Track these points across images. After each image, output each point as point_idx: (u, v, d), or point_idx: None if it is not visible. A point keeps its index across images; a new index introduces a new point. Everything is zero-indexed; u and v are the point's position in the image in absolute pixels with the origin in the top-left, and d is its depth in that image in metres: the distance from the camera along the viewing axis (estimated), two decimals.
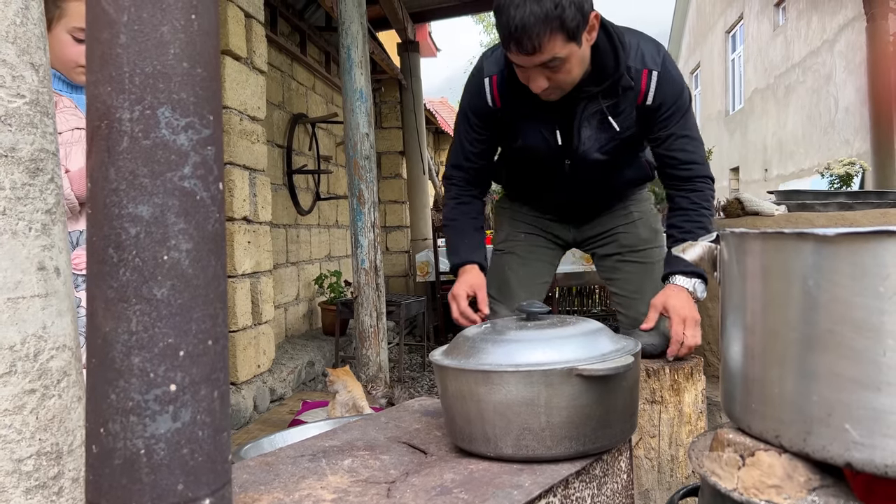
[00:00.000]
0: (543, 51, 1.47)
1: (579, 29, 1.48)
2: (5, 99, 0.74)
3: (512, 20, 1.43)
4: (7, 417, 0.71)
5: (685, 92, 1.73)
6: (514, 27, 1.44)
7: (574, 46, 1.50)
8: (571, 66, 1.54)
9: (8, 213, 0.73)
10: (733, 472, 0.80)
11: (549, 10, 1.42)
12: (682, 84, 1.72)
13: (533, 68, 1.52)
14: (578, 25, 1.47)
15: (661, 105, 1.69)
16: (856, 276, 0.68)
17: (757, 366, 0.80)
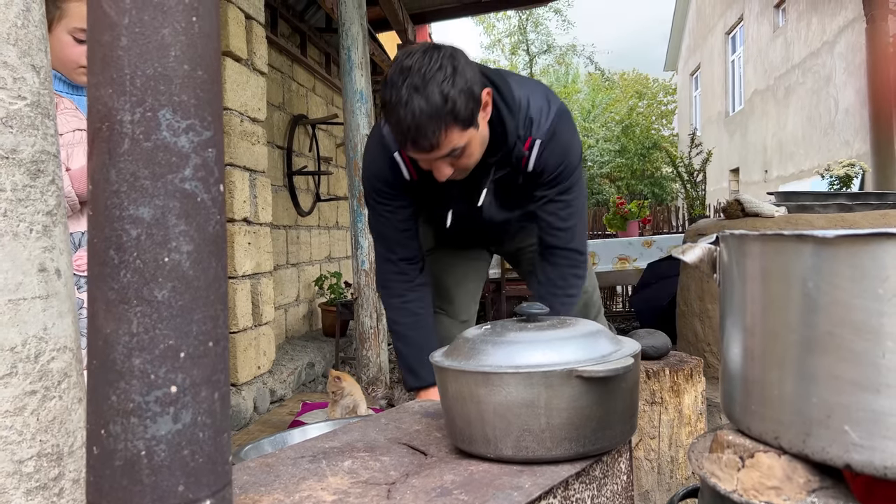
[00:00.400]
0: (441, 147, 1.42)
1: (474, 115, 1.44)
2: (6, 101, 0.74)
3: (403, 121, 1.37)
4: (8, 419, 0.71)
5: (570, 158, 1.67)
6: (407, 128, 1.38)
7: (472, 131, 1.46)
8: (472, 150, 1.51)
9: (9, 215, 0.73)
10: (733, 474, 0.80)
11: (439, 106, 1.36)
12: (568, 151, 1.66)
13: (434, 161, 1.48)
14: (472, 112, 1.43)
15: (543, 171, 1.65)
16: (855, 279, 0.68)
17: (756, 367, 0.80)
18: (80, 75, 1.61)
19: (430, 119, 1.36)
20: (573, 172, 1.69)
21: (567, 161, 1.66)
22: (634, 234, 6.19)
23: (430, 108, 1.35)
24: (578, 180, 1.72)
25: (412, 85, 1.36)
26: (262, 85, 3.80)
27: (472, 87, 1.41)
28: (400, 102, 1.37)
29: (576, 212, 1.73)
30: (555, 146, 1.63)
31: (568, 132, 1.67)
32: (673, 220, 8.38)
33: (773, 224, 3.08)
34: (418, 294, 1.79)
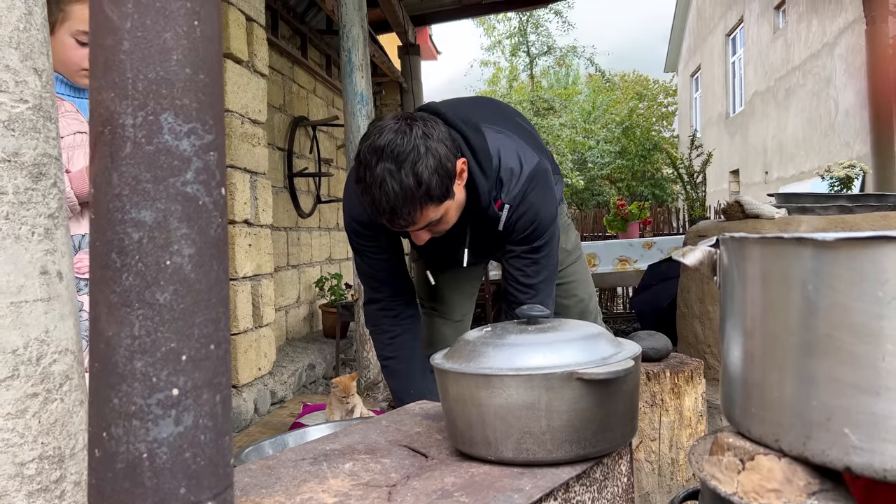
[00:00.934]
0: (417, 223, 1.46)
1: (448, 190, 1.45)
2: (8, 104, 0.75)
3: (379, 202, 1.40)
4: (10, 421, 0.72)
5: (541, 221, 1.67)
6: (383, 209, 1.41)
7: (448, 203, 1.48)
8: (449, 217, 1.53)
9: (11, 218, 0.74)
10: (733, 476, 0.80)
11: (412, 188, 1.38)
12: (538, 214, 1.66)
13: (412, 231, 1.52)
14: (447, 188, 1.45)
15: (513, 231, 1.67)
16: (855, 282, 0.68)
17: (756, 370, 0.80)
18: (83, 78, 1.61)
19: (406, 201, 1.39)
20: (544, 233, 1.69)
21: (538, 223, 1.67)
22: (635, 235, 6.19)
23: (403, 191, 1.38)
24: (550, 240, 1.72)
25: (386, 169, 1.38)
26: (262, 87, 3.80)
27: (446, 164, 1.42)
28: (375, 183, 1.39)
29: (543, 269, 1.73)
30: (524, 210, 1.64)
31: (539, 195, 1.66)
32: (673, 222, 8.39)
33: (773, 226, 3.08)
34: (405, 327, 1.81)
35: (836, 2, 9.32)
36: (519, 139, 1.71)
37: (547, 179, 1.69)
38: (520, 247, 1.70)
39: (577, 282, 2.08)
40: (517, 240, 1.69)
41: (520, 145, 1.68)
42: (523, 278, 1.72)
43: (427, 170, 1.39)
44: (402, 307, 1.81)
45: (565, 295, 2.05)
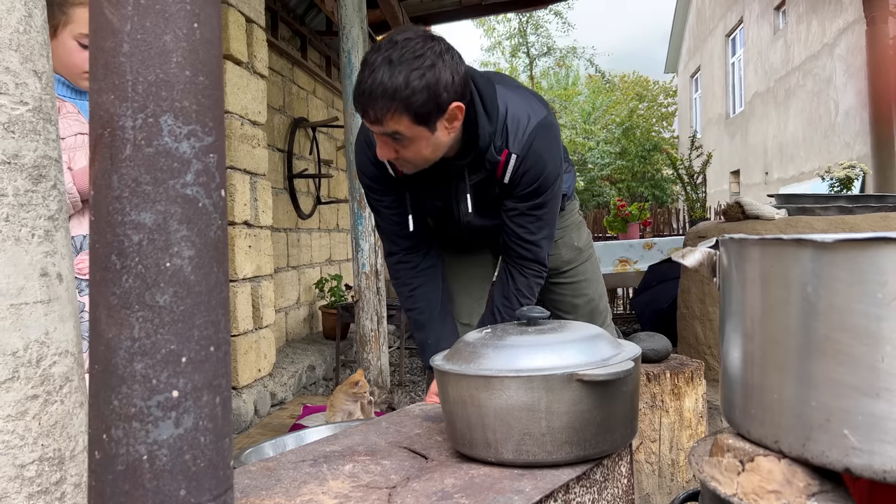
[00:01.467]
0: (385, 125, 1.40)
1: (430, 116, 1.40)
2: (8, 106, 0.75)
3: (362, 84, 1.38)
4: (10, 423, 0.72)
5: (547, 175, 1.64)
6: (362, 91, 1.38)
7: (423, 131, 1.42)
8: (420, 148, 1.46)
9: (11, 220, 0.74)
10: (733, 478, 0.80)
11: (398, 88, 1.35)
12: (544, 167, 1.63)
13: (378, 135, 1.46)
14: (430, 112, 1.39)
15: (517, 185, 1.64)
16: (854, 283, 0.68)
17: (756, 372, 0.80)
18: (85, 81, 1.61)
19: (384, 95, 1.35)
20: (549, 188, 1.66)
21: (543, 178, 1.64)
22: (635, 236, 6.20)
23: (390, 84, 1.35)
24: (553, 196, 1.70)
25: (388, 58, 1.36)
26: (262, 88, 3.81)
27: (440, 91, 1.38)
28: (369, 67, 1.37)
29: (545, 225, 1.72)
30: (531, 162, 1.61)
31: (546, 147, 1.63)
32: (673, 223, 8.39)
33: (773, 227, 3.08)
34: (425, 278, 1.81)
35: (836, 2, 9.33)
36: (531, 96, 1.70)
37: (554, 133, 1.66)
38: (524, 203, 1.67)
39: (587, 281, 2.06)
40: (522, 195, 1.65)
41: (530, 101, 1.66)
42: (526, 234, 1.70)
43: (420, 81, 1.35)
44: (420, 259, 1.82)
45: (575, 294, 2.04)
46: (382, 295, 3.80)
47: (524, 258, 1.72)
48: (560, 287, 2.02)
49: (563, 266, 2.00)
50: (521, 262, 1.73)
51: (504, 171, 1.62)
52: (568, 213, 2.04)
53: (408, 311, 1.84)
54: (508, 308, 1.73)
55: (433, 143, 1.47)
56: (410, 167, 1.55)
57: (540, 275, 1.76)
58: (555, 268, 1.99)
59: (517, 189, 1.65)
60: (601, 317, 2.08)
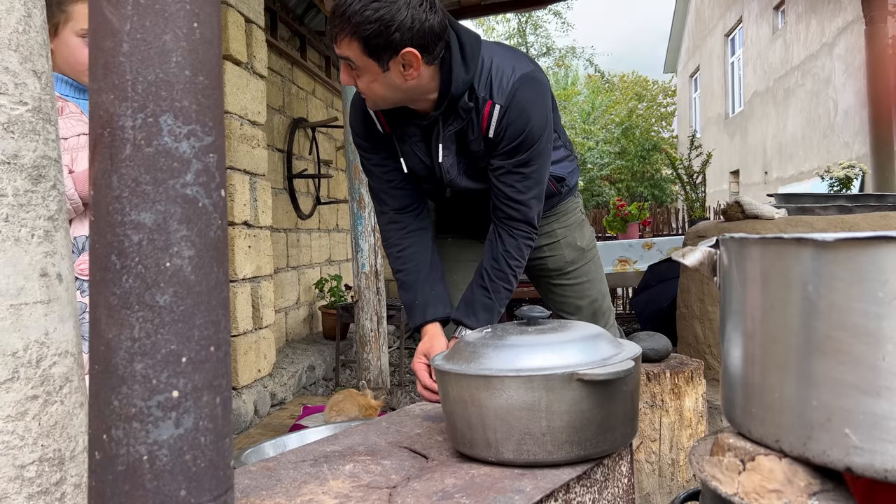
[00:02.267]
0: (338, 47, 1.45)
1: (380, 52, 1.42)
2: (8, 106, 0.75)
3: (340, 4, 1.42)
4: (10, 423, 0.72)
5: (532, 128, 1.61)
6: (335, 9, 1.42)
7: (373, 65, 1.45)
8: (372, 82, 1.49)
9: (11, 220, 0.74)
10: (734, 477, 0.80)
11: (353, 13, 1.39)
12: (529, 120, 1.60)
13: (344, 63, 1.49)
14: (379, 47, 1.42)
15: (502, 139, 1.61)
16: (854, 282, 0.68)
17: (757, 371, 0.80)
18: None
19: (341, 16, 1.41)
20: (534, 143, 1.62)
21: (528, 131, 1.60)
22: (634, 236, 6.20)
23: (348, 9, 1.40)
24: (540, 153, 1.65)
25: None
26: (262, 88, 3.80)
27: (392, 30, 1.40)
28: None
29: (535, 184, 1.68)
30: (515, 114, 1.58)
31: (530, 100, 1.60)
32: (673, 222, 8.39)
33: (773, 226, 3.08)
34: (414, 239, 1.78)
35: (835, 2, 9.33)
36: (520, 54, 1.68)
37: (540, 88, 1.63)
38: (509, 160, 1.64)
39: (590, 282, 2.03)
40: (507, 150, 1.63)
41: (518, 56, 1.65)
42: (513, 193, 1.67)
43: (374, 13, 1.39)
44: (410, 219, 1.80)
45: (578, 295, 2.01)
46: (382, 295, 3.80)
47: (512, 218, 1.69)
48: (563, 288, 2.00)
49: (567, 267, 1.98)
50: (509, 222, 1.70)
51: (489, 124, 1.60)
52: (570, 212, 2.01)
53: (396, 272, 1.80)
54: (497, 270, 1.70)
55: (386, 82, 1.49)
56: (370, 102, 1.57)
57: (530, 236, 1.72)
58: (557, 269, 1.98)
59: (502, 143, 1.62)
60: (604, 317, 2.06)
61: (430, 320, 1.69)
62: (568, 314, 2.01)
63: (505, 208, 1.69)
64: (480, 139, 1.64)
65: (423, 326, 1.70)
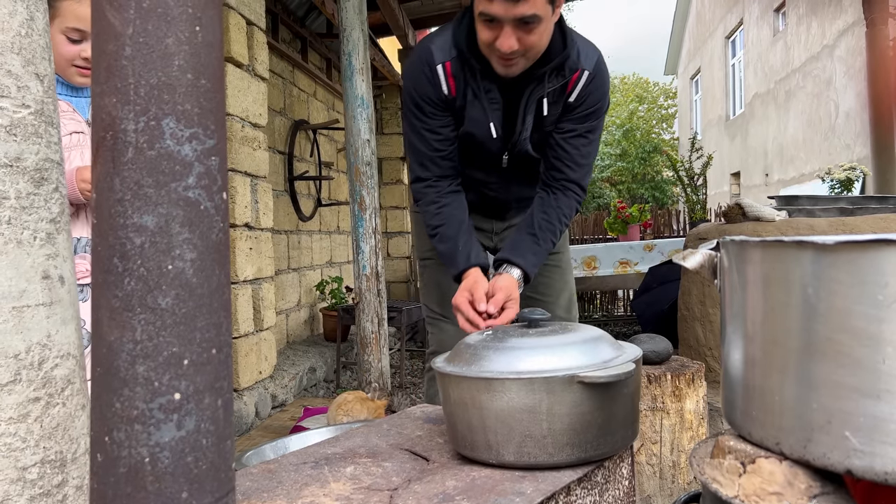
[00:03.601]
0: (529, 3, 1.47)
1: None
2: (10, 109, 0.75)
3: None
4: (12, 425, 0.72)
5: (605, 101, 1.77)
6: None
7: (549, 10, 1.53)
8: (542, 32, 1.55)
9: (13, 223, 0.74)
10: (734, 480, 0.80)
11: None
12: (606, 93, 1.77)
13: (508, 23, 1.51)
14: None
15: (582, 104, 1.73)
16: (855, 285, 0.68)
17: (757, 374, 0.80)
18: (74, 75, 1.60)
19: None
20: (603, 114, 1.78)
21: (604, 99, 1.76)
22: (635, 238, 6.20)
23: None
24: (602, 125, 1.81)
25: None
26: (263, 90, 3.81)
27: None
28: None
29: (594, 151, 1.81)
30: (599, 82, 1.72)
31: (607, 73, 1.77)
32: (674, 224, 8.39)
33: (773, 228, 3.08)
34: (452, 198, 1.82)
35: (835, 4, 9.33)
36: None
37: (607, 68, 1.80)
38: (582, 124, 1.75)
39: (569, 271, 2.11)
40: (583, 115, 1.74)
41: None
42: (578, 157, 1.77)
43: None
44: (447, 184, 1.84)
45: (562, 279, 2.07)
46: (383, 297, 3.80)
47: (570, 180, 1.77)
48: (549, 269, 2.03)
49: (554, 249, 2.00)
50: (566, 183, 1.78)
51: (573, 88, 1.71)
52: None
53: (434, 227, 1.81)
54: (547, 222, 1.75)
55: (549, 29, 1.58)
56: (522, 63, 1.61)
57: (580, 200, 1.81)
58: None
59: (580, 108, 1.73)
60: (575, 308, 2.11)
61: (473, 264, 1.71)
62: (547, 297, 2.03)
63: (566, 170, 1.78)
64: (560, 103, 1.73)
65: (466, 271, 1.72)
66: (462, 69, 1.68)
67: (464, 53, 1.66)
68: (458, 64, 1.69)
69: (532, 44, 1.55)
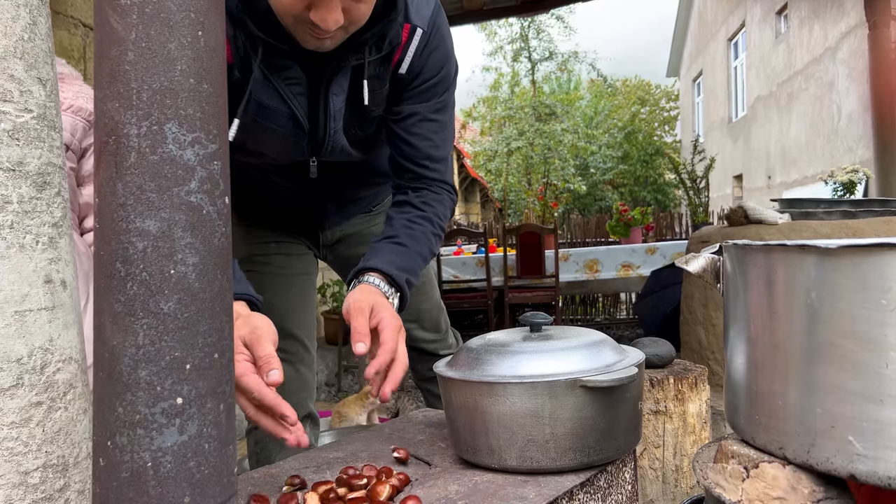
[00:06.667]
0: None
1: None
2: (13, 114, 0.75)
3: None
4: (14, 430, 0.72)
5: (452, 66, 1.33)
6: None
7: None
8: (371, 5, 1.13)
9: (16, 227, 0.74)
10: (738, 484, 0.80)
11: None
12: (451, 54, 1.33)
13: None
14: None
15: (419, 75, 1.29)
16: (858, 289, 0.68)
17: (760, 378, 0.80)
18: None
19: None
20: (451, 85, 1.35)
21: (448, 66, 1.32)
22: (638, 241, 6.20)
23: None
24: (453, 100, 1.37)
25: None
26: None
27: None
28: None
29: (449, 136, 1.38)
30: (437, 42, 1.29)
31: (448, 29, 1.33)
32: (676, 227, 8.39)
33: (776, 231, 3.07)
34: None
35: (837, 6, 9.33)
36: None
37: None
38: (426, 103, 1.31)
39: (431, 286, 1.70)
40: (424, 88, 1.30)
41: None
42: (433, 149, 1.34)
43: None
44: None
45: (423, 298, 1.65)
46: None
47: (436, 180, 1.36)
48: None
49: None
50: (430, 183, 1.36)
51: (403, 55, 1.26)
52: None
53: None
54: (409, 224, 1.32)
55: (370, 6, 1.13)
56: (342, 33, 1.15)
57: (454, 202, 1.42)
58: None
59: (416, 81, 1.30)
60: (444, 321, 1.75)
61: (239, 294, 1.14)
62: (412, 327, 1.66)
63: (422, 169, 1.35)
64: (386, 78, 1.28)
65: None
66: (236, 32, 1.17)
67: (240, 14, 1.14)
68: (230, 22, 1.15)
69: (362, 15, 1.13)
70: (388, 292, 1.25)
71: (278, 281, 1.56)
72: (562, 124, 17.27)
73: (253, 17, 1.13)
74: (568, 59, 19.05)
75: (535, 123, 16.70)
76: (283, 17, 1.11)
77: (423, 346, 1.69)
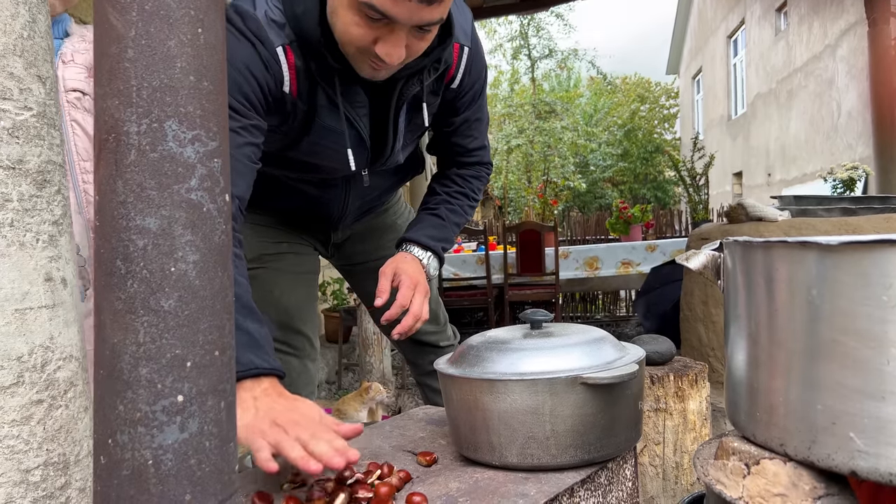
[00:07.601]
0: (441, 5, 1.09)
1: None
2: (13, 112, 0.75)
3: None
4: (15, 428, 0.72)
5: (486, 69, 1.43)
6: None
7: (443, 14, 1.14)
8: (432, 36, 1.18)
9: (16, 225, 0.74)
10: (738, 481, 0.80)
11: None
12: (484, 59, 1.42)
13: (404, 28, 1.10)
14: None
15: (470, 89, 1.38)
16: (859, 286, 0.68)
17: (761, 375, 0.80)
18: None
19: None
20: (485, 83, 1.44)
21: (485, 70, 1.41)
22: (638, 238, 6.19)
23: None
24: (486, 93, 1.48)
25: None
26: None
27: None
28: None
29: (486, 125, 1.51)
30: (476, 50, 1.36)
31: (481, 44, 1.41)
32: (676, 225, 8.39)
33: (776, 228, 3.07)
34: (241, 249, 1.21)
35: (837, 4, 9.33)
36: None
37: None
38: (470, 109, 1.42)
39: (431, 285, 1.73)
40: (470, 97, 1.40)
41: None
42: (475, 143, 1.49)
43: None
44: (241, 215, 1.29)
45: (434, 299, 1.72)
46: None
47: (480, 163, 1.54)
48: None
49: None
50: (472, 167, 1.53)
51: (455, 73, 1.33)
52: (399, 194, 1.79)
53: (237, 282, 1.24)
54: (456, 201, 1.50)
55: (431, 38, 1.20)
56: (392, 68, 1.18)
57: (488, 174, 1.58)
58: None
59: (465, 91, 1.37)
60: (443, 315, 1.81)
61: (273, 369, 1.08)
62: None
63: (465, 158, 1.51)
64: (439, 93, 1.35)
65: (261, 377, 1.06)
66: (306, 62, 1.20)
67: (311, 42, 1.17)
68: (299, 53, 1.19)
69: (421, 50, 1.18)
70: (422, 256, 1.43)
71: (288, 279, 1.61)
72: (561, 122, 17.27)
73: (331, 49, 1.19)
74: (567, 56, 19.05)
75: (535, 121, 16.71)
76: (346, 47, 1.16)
77: (422, 338, 1.75)
